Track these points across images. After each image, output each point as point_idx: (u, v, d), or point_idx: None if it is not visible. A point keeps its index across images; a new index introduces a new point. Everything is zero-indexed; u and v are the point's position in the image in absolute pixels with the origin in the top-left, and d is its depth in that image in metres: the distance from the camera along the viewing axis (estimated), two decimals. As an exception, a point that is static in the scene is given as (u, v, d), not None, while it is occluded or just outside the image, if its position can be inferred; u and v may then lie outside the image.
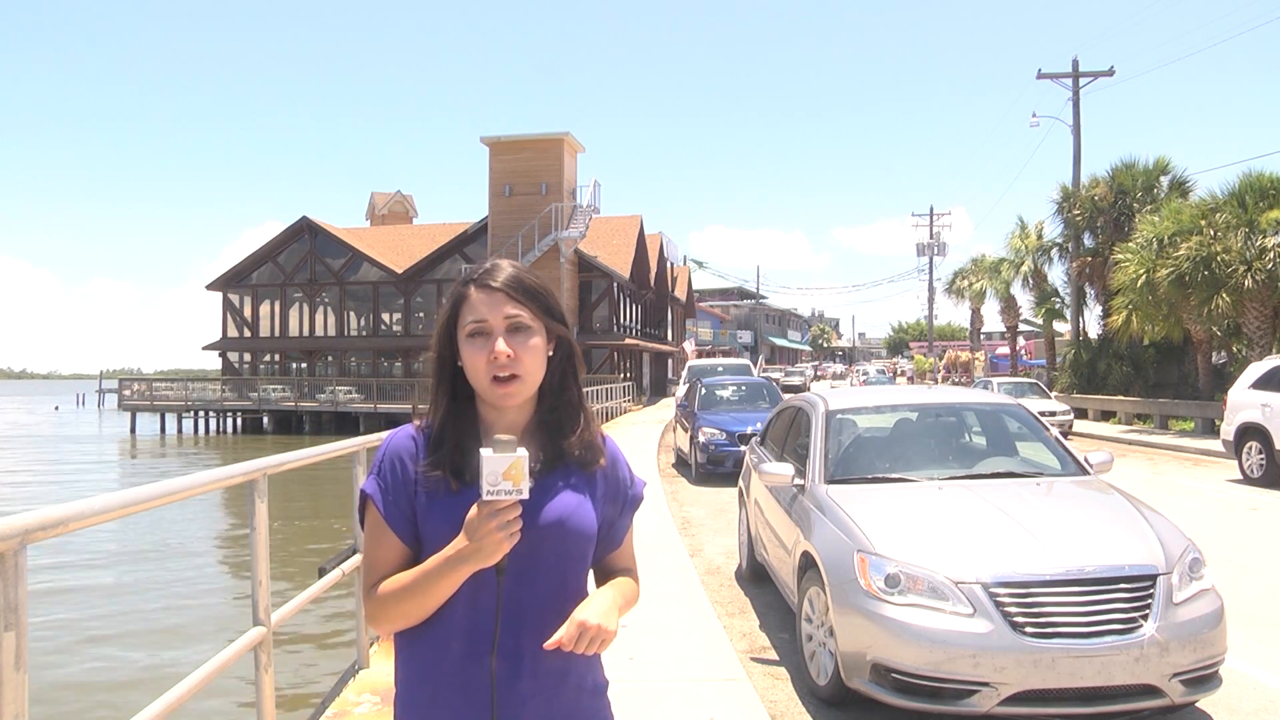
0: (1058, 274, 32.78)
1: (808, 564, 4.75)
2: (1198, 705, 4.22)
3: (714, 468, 13.35)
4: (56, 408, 75.36)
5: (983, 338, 55.44)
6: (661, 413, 28.68)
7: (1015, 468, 5.38)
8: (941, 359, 58.30)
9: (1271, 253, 18.92)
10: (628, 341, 39.81)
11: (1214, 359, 23.40)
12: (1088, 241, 28.59)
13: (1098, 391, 26.30)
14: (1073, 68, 29.53)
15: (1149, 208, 25.20)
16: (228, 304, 44.47)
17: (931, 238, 53.65)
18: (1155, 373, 25.75)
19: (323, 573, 3.95)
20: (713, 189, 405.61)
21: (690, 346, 45.82)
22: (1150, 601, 3.86)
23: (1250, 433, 12.71)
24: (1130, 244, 22.87)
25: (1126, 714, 3.82)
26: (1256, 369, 13.34)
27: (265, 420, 41.50)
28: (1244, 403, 12.92)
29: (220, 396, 41.62)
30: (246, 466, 3.09)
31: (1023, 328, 43.01)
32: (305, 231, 43.32)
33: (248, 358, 45.01)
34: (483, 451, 1.36)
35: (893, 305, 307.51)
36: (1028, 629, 3.77)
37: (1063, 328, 33.13)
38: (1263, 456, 12.40)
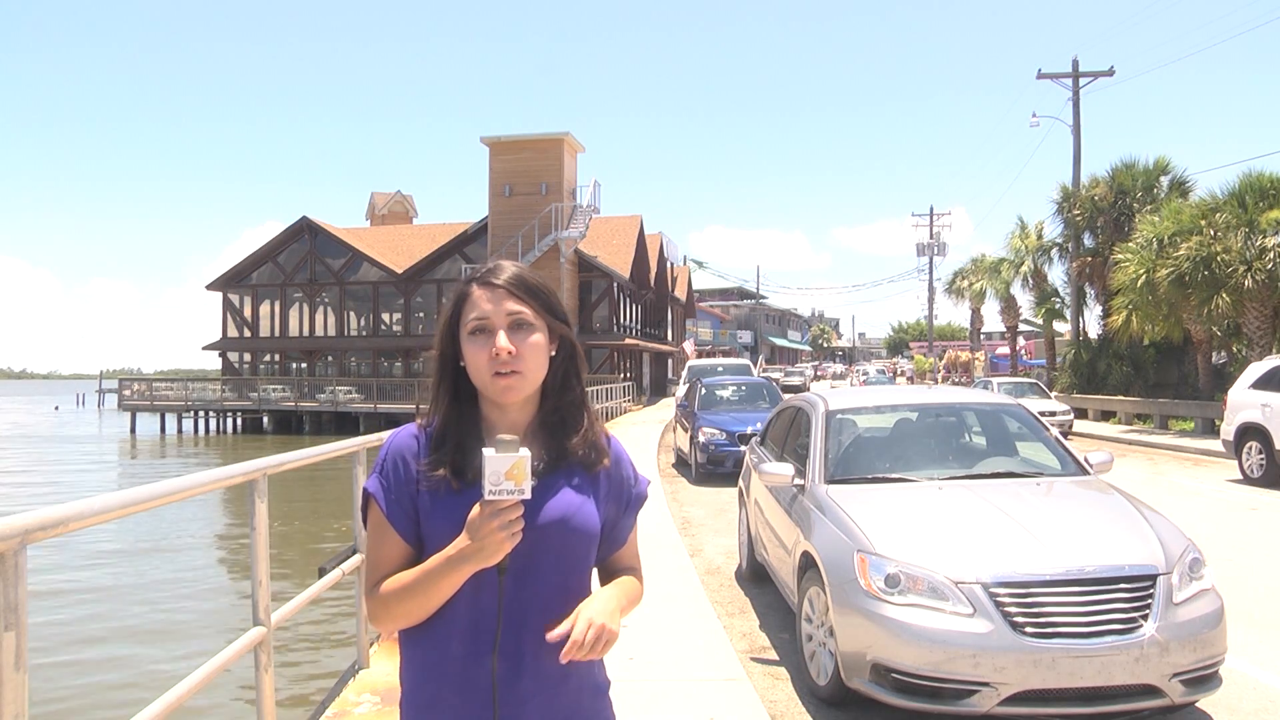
0: (1058, 274, 32.86)
1: (808, 564, 4.76)
2: (1198, 705, 4.22)
3: (714, 468, 13.35)
4: (56, 408, 75.31)
5: (983, 338, 55.43)
6: (661, 413, 28.67)
7: (1015, 468, 5.37)
8: (941, 359, 58.28)
9: (1271, 253, 18.91)
10: (628, 341, 39.80)
11: (1214, 359, 23.40)
12: (1088, 241, 28.59)
13: (1098, 391, 26.29)
14: (1073, 68, 29.54)
15: (1149, 208, 25.20)
16: (228, 304, 44.49)
17: (931, 238, 53.68)
18: (1155, 373, 25.74)
19: (323, 573, 3.95)
20: (713, 189, 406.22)
21: (690, 346, 45.81)
22: (1150, 601, 3.86)
23: (1250, 433, 12.72)
24: (1130, 244, 22.87)
25: (1126, 714, 3.81)
26: (1256, 369, 13.34)
27: (265, 420, 41.50)
28: (1244, 403, 12.92)
29: (220, 396, 41.60)
30: (246, 466, 3.09)
31: (1023, 328, 43.01)
32: (305, 231, 43.33)
33: (248, 358, 45.01)
34: (485, 451, 1.36)
35: (893, 305, 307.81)
36: (1028, 629, 3.77)
37: (1063, 328, 33.14)
38: (1263, 456, 12.40)
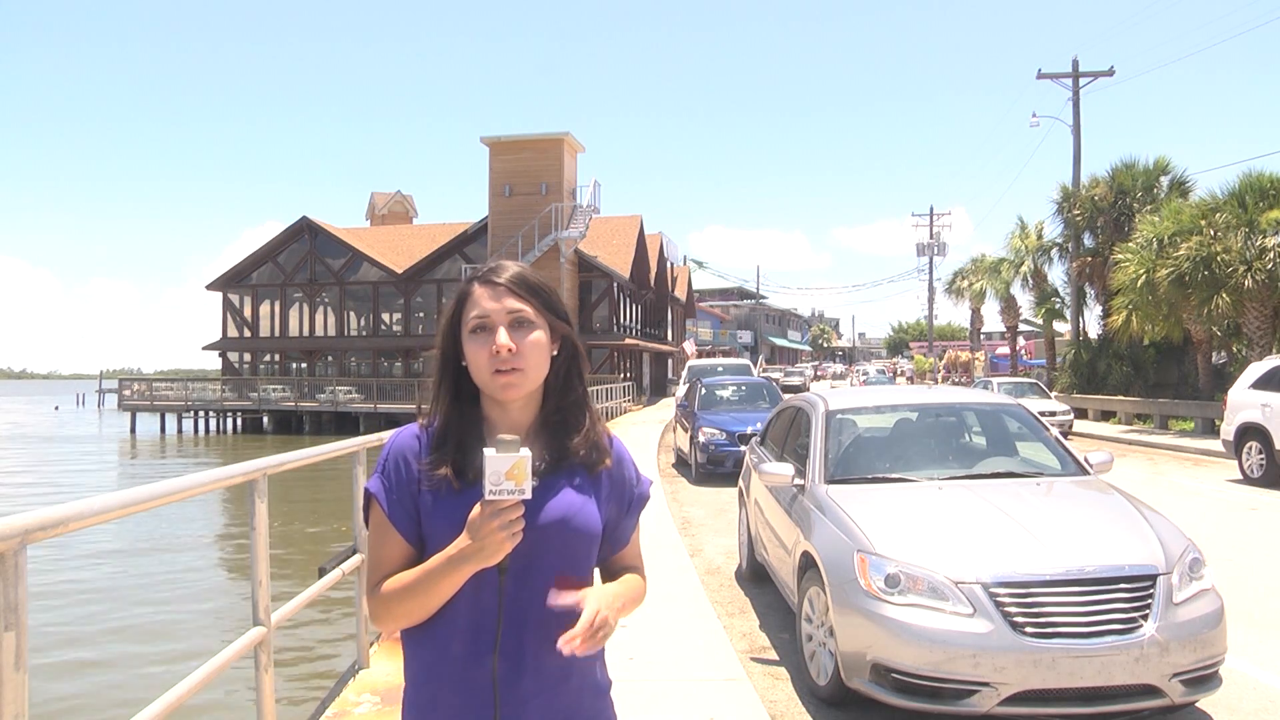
0: (1058, 274, 32.86)
1: (808, 564, 4.75)
2: (1198, 705, 4.22)
3: (714, 468, 13.35)
4: (56, 408, 75.30)
5: (983, 338, 55.43)
6: (661, 413, 28.67)
7: (1015, 468, 5.37)
8: (941, 359, 58.28)
9: (1271, 253, 18.92)
10: (628, 341, 39.80)
11: (1214, 359, 23.40)
12: (1088, 241, 28.59)
13: (1098, 391, 26.29)
14: (1073, 68, 29.54)
15: (1149, 208, 25.20)
16: (228, 304, 44.49)
17: (931, 238, 53.69)
18: (1155, 373, 25.74)
19: (323, 573, 3.95)
20: (713, 189, 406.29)
21: (690, 346, 45.76)
22: (1150, 601, 3.86)
23: (1250, 433, 12.72)
24: (1130, 244, 22.87)
25: (1126, 714, 3.81)
26: (1256, 369, 13.34)
27: (265, 420, 41.50)
28: (1244, 403, 12.92)
29: (220, 396, 41.60)
30: (246, 466, 3.09)
31: (1023, 328, 43.00)
32: (305, 231, 43.33)
33: (248, 358, 45.02)
34: (486, 451, 1.35)
35: (893, 305, 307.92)
36: (1028, 629, 3.77)
37: (1063, 328, 33.13)
38: (1263, 456, 12.40)
